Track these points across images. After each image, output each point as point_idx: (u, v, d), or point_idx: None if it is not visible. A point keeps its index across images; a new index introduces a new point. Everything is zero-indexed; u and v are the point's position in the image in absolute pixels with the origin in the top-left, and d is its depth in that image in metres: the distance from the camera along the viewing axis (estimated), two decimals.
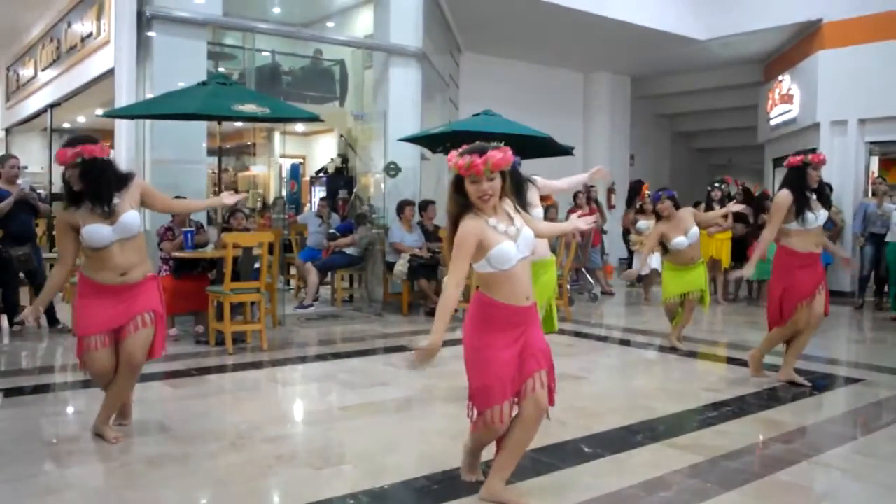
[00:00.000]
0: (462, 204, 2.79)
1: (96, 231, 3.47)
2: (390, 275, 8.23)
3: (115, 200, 3.52)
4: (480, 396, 2.84)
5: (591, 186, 11.19)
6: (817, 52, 10.73)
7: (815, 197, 4.83)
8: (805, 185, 4.76)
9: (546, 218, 9.65)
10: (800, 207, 4.72)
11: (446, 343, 2.84)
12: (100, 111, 10.42)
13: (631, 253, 10.27)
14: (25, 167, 7.10)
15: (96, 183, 3.49)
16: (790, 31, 11.45)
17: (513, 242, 2.79)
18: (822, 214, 4.84)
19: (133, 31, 7.21)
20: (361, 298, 8.94)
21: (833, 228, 9.61)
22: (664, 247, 6.19)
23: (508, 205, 2.89)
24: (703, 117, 16.83)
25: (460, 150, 2.81)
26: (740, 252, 9.35)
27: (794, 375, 5.04)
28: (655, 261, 9.16)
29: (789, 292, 4.87)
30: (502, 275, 2.79)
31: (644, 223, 9.37)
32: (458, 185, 2.80)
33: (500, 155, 2.74)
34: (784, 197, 4.76)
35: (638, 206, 10.08)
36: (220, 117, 6.75)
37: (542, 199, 6.82)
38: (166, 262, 6.53)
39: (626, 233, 10.89)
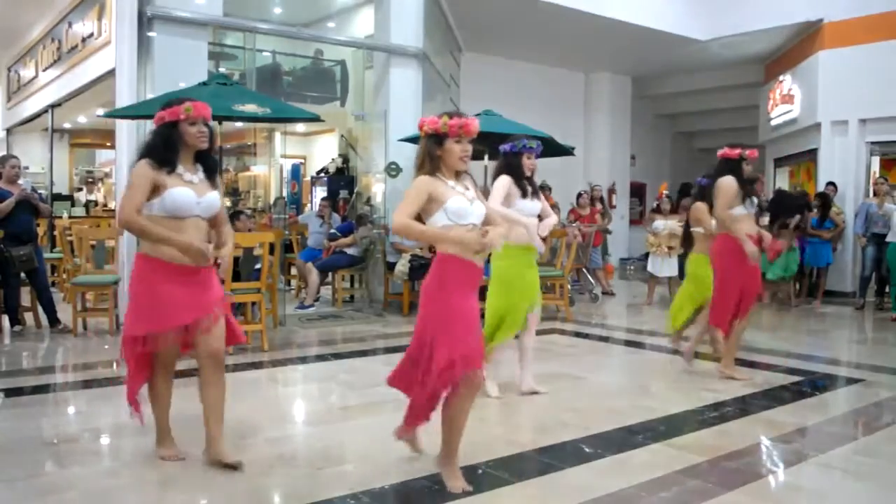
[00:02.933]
0: (434, 165, 3.02)
1: (185, 195, 3.15)
2: (391, 275, 8.23)
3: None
4: (467, 360, 2.88)
5: (596, 186, 11.18)
6: (818, 52, 10.73)
7: None
8: (740, 176, 4.98)
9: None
10: (746, 193, 4.99)
11: None
12: (101, 111, 10.44)
13: (646, 254, 10.21)
14: (26, 167, 7.11)
15: (212, 149, 3.32)
16: (791, 32, 11.44)
17: (468, 202, 3.02)
18: (754, 200, 5.12)
19: (134, 32, 7.20)
20: (362, 299, 8.94)
21: (834, 229, 9.61)
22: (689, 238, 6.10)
23: (468, 179, 3.14)
24: (703, 117, 16.83)
25: (439, 114, 3.04)
26: None
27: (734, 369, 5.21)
28: (670, 268, 9.13)
29: (738, 278, 5.00)
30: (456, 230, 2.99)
31: (660, 223, 9.29)
32: (438, 143, 3.01)
33: (477, 122, 3.07)
34: (731, 183, 4.96)
35: (654, 205, 10.03)
36: (220, 117, 6.74)
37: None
38: None
39: None
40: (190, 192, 3.18)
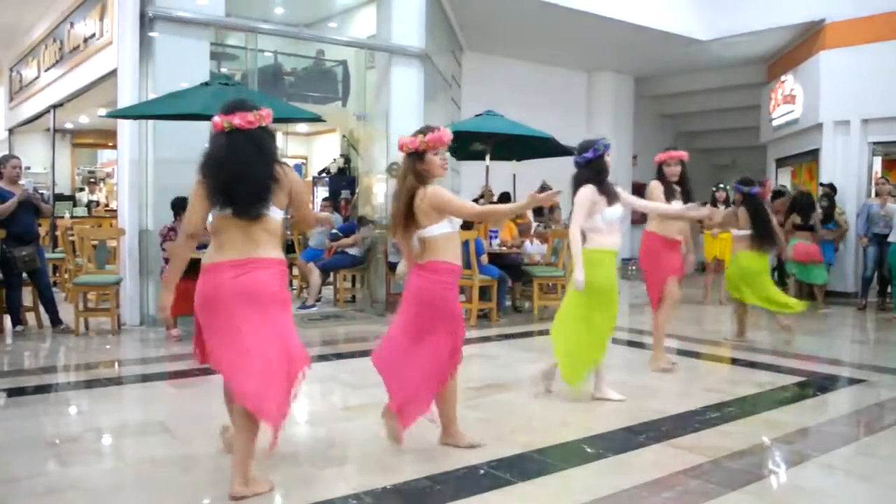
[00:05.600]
0: (422, 177, 3.30)
1: None
2: (393, 275, 8.23)
3: None
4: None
5: None
6: (820, 52, 10.72)
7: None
8: (665, 179, 5.54)
9: (550, 219, 9.64)
10: (667, 194, 5.42)
11: None
12: (103, 112, 10.45)
13: None
14: (28, 168, 7.11)
15: None
16: (793, 32, 11.44)
17: None
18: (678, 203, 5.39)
19: (136, 32, 7.22)
20: (364, 299, 8.94)
21: (836, 229, 9.59)
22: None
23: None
24: (706, 118, 16.81)
25: (414, 133, 3.33)
26: None
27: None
28: None
29: (660, 271, 5.43)
30: (454, 235, 3.38)
31: None
32: (419, 159, 3.30)
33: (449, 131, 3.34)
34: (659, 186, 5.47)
35: None
36: None
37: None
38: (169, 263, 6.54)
39: None
40: None
